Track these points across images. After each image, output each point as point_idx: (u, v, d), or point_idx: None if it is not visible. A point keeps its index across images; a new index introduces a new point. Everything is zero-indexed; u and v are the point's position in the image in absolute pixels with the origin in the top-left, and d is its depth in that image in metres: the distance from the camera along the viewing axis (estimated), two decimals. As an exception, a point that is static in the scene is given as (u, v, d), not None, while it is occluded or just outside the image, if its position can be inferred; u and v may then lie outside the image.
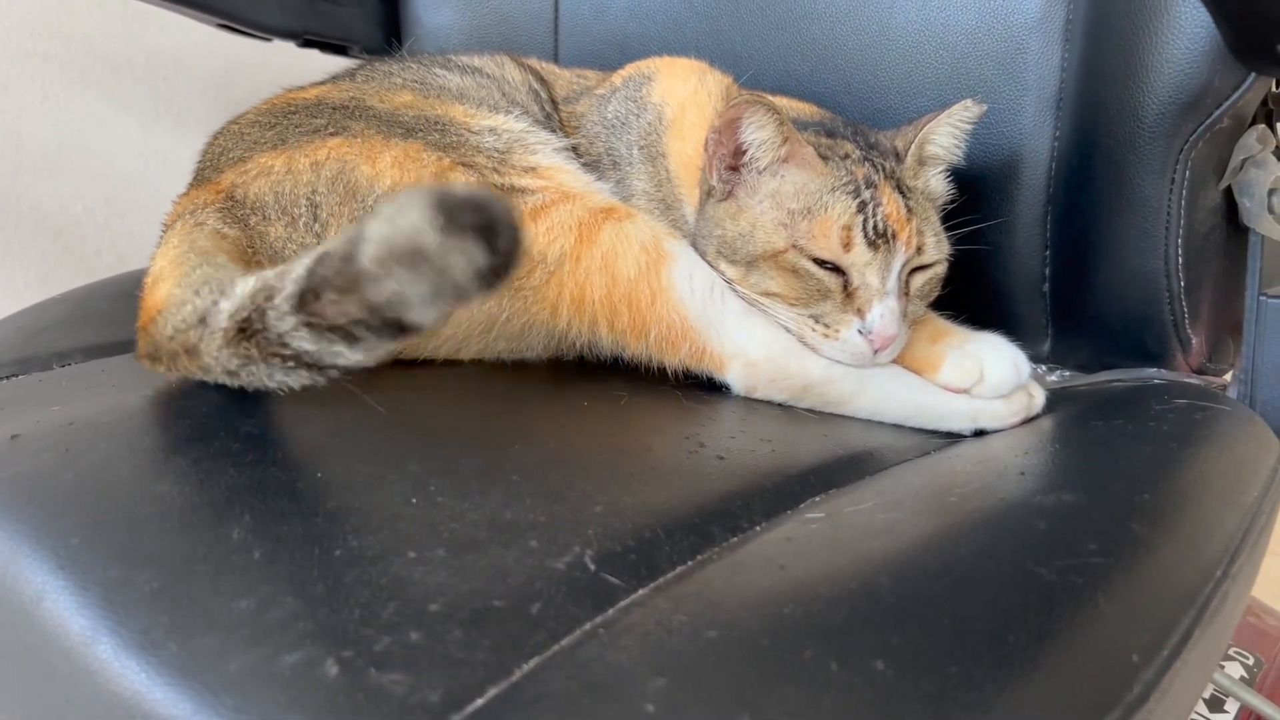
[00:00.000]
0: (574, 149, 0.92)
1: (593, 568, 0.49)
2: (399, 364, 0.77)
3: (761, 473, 0.62)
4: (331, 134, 0.79)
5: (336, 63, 1.19)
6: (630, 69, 0.97)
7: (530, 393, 0.75)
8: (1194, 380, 0.81)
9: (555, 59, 1.15)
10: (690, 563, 0.51)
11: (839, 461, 0.66)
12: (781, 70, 1.00)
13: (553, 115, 0.96)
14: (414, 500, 0.54)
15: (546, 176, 0.81)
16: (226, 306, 0.59)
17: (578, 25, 1.13)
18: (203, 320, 0.60)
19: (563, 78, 1.02)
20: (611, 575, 0.49)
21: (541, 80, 1.00)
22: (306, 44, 1.22)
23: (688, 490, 0.58)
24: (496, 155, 0.81)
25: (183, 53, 1.55)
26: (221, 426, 0.60)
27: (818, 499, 0.60)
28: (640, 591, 0.48)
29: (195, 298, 0.62)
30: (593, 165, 0.92)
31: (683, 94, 0.90)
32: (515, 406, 0.72)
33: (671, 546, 0.52)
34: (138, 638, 0.44)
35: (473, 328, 0.77)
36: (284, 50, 1.25)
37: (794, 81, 0.99)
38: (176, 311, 0.63)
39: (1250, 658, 1.03)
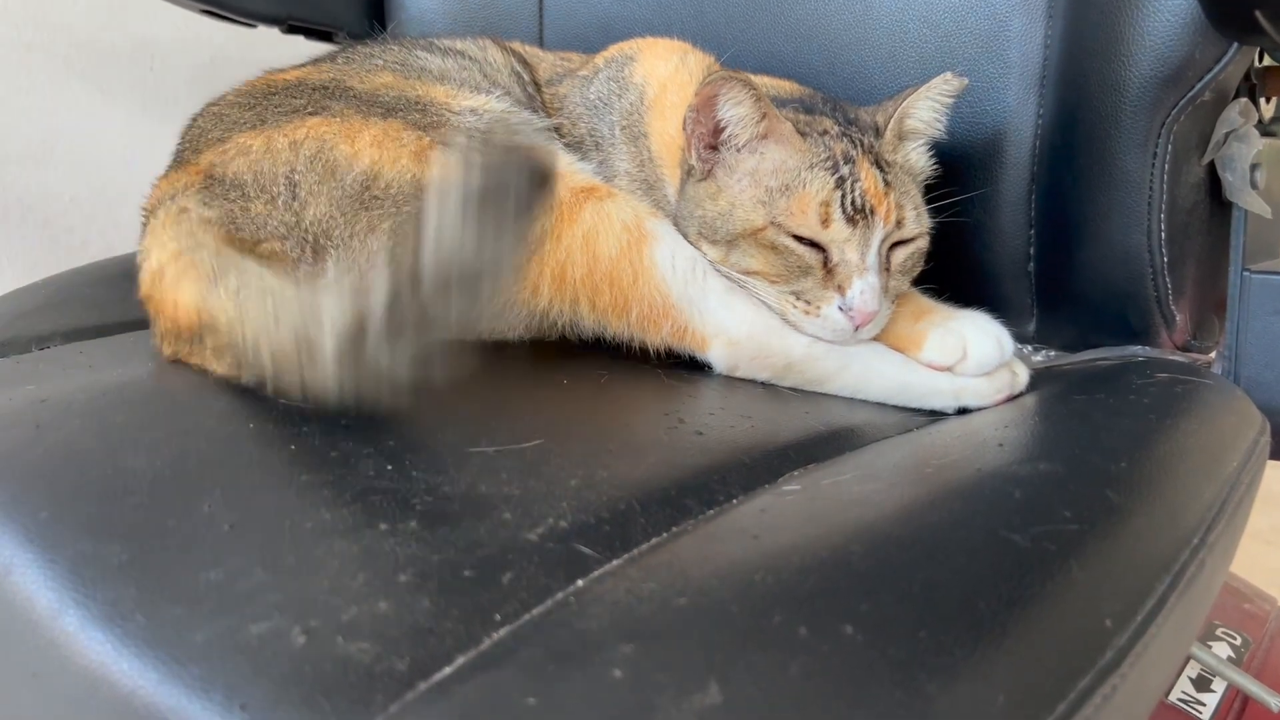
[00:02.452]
0: (557, 130, 0.92)
1: (566, 539, 0.49)
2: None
3: (740, 448, 0.62)
4: (310, 114, 0.78)
5: (321, 49, 1.18)
6: (613, 50, 0.97)
7: (510, 371, 0.74)
8: (1178, 357, 0.81)
9: (540, 42, 1.14)
10: (665, 534, 0.51)
11: (819, 437, 0.66)
12: (765, 50, 1.00)
13: (535, 97, 0.95)
14: (388, 473, 0.53)
15: None
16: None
17: (562, 8, 1.13)
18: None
19: (546, 60, 1.02)
20: (585, 546, 0.49)
21: (524, 63, 0.99)
22: (291, 30, 1.21)
23: (665, 464, 0.58)
24: (478, 136, 0.80)
25: (169, 41, 1.55)
26: (194, 402, 0.60)
27: (796, 473, 0.60)
28: (613, 562, 0.48)
29: (271, 320, 0.62)
30: (576, 146, 0.92)
31: (664, 74, 0.90)
32: (494, 384, 0.71)
33: (646, 518, 0.52)
34: (105, 609, 0.44)
35: (454, 307, 0.76)
36: (269, 38, 1.25)
37: (778, 61, 0.98)
38: (262, 337, 0.62)
39: (1238, 637, 1.03)
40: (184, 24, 1.33)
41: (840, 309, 0.74)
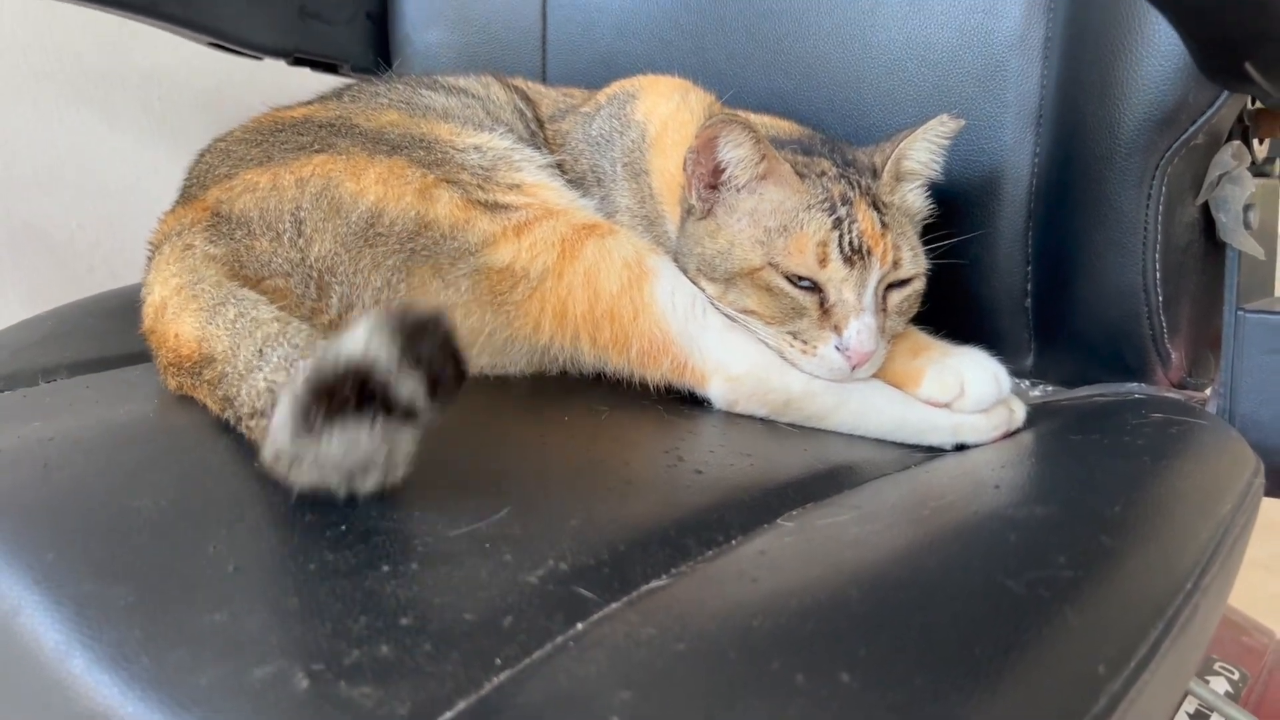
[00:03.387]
0: (559, 166, 0.93)
1: (566, 581, 0.49)
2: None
3: (739, 486, 0.63)
4: (316, 151, 0.80)
5: (326, 81, 1.19)
6: (615, 87, 0.98)
7: (511, 407, 0.75)
8: (1173, 395, 0.82)
9: (543, 78, 1.16)
10: (664, 576, 0.51)
11: (818, 475, 0.67)
12: (766, 88, 1.01)
13: (538, 133, 0.96)
14: (390, 514, 0.54)
15: (530, 193, 0.81)
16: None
17: (565, 44, 1.14)
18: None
19: (549, 96, 1.03)
20: (584, 589, 0.49)
21: (527, 99, 1.01)
22: (297, 62, 1.23)
23: (664, 504, 0.59)
24: (481, 172, 0.81)
25: (175, 71, 1.56)
26: (200, 439, 0.60)
27: (795, 512, 0.61)
28: (612, 605, 0.48)
29: (257, 358, 0.63)
30: (577, 182, 0.93)
31: (665, 112, 0.91)
32: (495, 421, 0.72)
33: (645, 560, 0.53)
34: (110, 651, 0.44)
35: (455, 343, 0.77)
36: (275, 69, 1.27)
37: (778, 99, 1.00)
38: (244, 377, 0.63)
39: (1236, 672, 1.03)
40: (191, 53, 1.34)
41: (837, 349, 0.75)
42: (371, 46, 1.23)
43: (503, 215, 0.78)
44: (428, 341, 0.51)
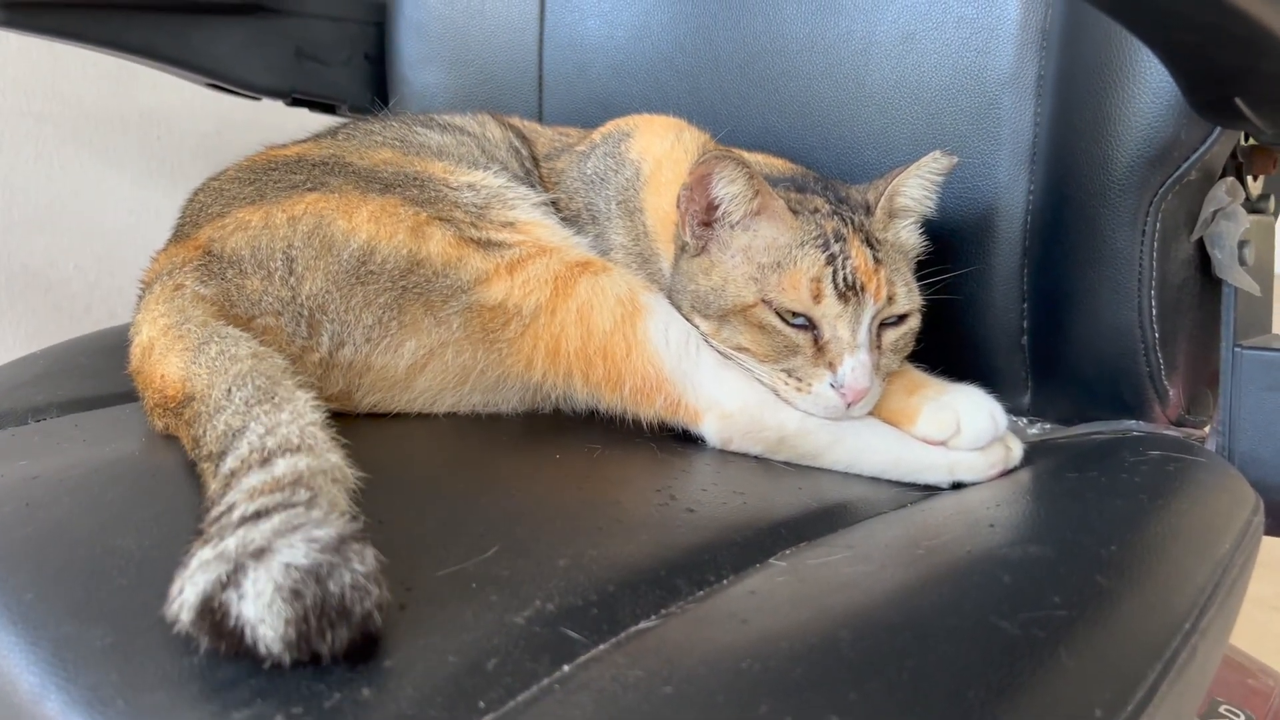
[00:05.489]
0: (554, 204, 0.93)
1: (553, 623, 0.49)
2: (371, 417, 0.77)
3: (732, 525, 0.62)
4: (309, 189, 0.80)
5: (325, 121, 1.20)
6: (610, 126, 0.98)
7: (502, 445, 0.75)
8: (1171, 432, 0.81)
9: (539, 117, 1.16)
10: (653, 617, 0.51)
11: (812, 514, 0.66)
12: (760, 127, 1.01)
13: (533, 171, 0.97)
14: (375, 554, 0.53)
15: (524, 231, 0.81)
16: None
17: (561, 84, 1.15)
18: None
19: (544, 135, 1.04)
20: (572, 630, 0.48)
21: (523, 138, 1.01)
22: (295, 103, 1.24)
23: (655, 543, 0.58)
24: (474, 210, 0.81)
25: (174, 111, 1.57)
26: (184, 479, 0.60)
27: (788, 551, 0.60)
28: (600, 647, 0.48)
29: (225, 398, 0.61)
30: (572, 220, 0.93)
31: (660, 150, 0.91)
32: (486, 459, 0.71)
33: (635, 601, 0.52)
34: (86, 694, 0.44)
35: (447, 380, 0.77)
36: (274, 109, 1.27)
37: (773, 138, 1.00)
38: (212, 417, 0.61)
39: (1241, 715, 1.01)
40: (191, 95, 1.35)
41: (832, 386, 0.74)
42: (369, 87, 1.24)
43: (496, 253, 0.78)
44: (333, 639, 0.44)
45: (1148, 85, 0.73)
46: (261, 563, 0.44)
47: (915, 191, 0.82)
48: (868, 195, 0.83)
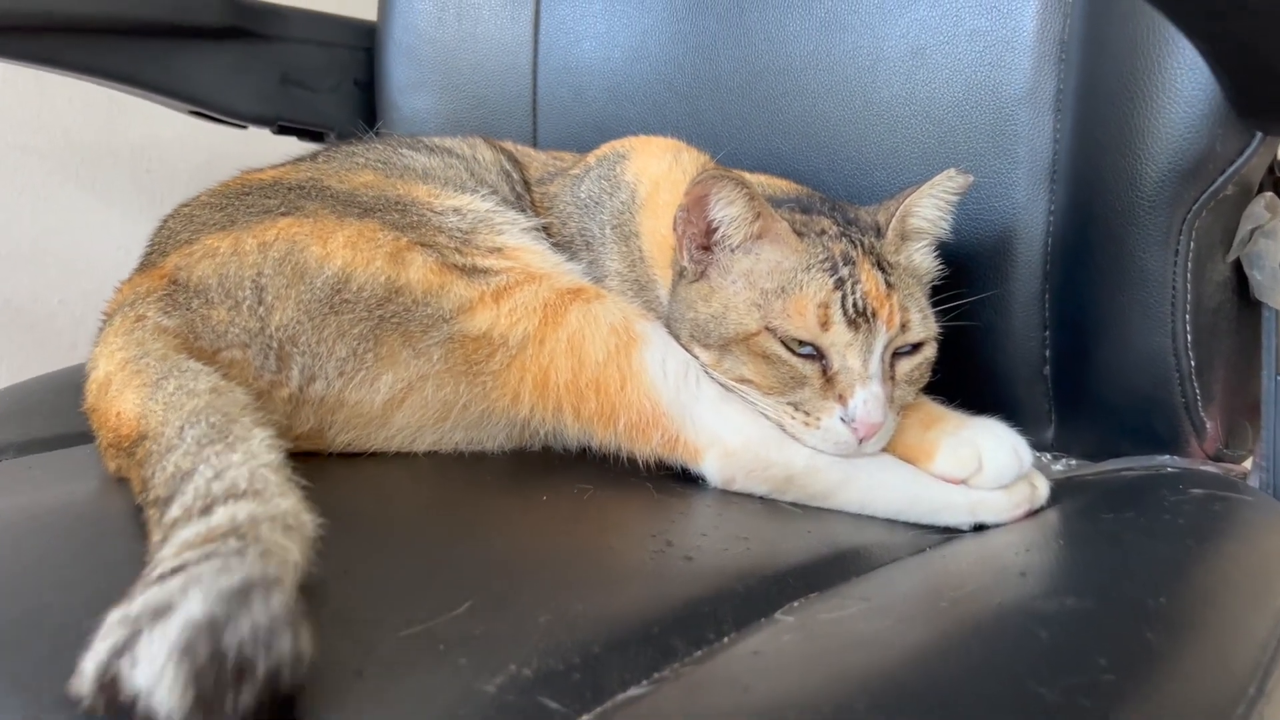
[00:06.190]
0: (546, 229, 0.88)
1: (529, 690, 0.43)
2: (347, 456, 0.72)
3: (734, 575, 0.56)
4: (282, 214, 0.75)
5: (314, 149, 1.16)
6: (605, 148, 0.94)
7: (486, 486, 0.69)
8: (1210, 468, 0.75)
9: (534, 143, 1.12)
10: (644, 683, 0.45)
11: (822, 561, 0.60)
12: (763, 149, 0.97)
13: (524, 196, 0.92)
14: (332, 609, 0.47)
15: (512, 257, 0.77)
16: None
17: (556, 108, 1.11)
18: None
19: (538, 159, 0.99)
20: (550, 698, 0.43)
21: (515, 161, 0.97)
22: (282, 130, 1.20)
23: (648, 596, 0.52)
24: (459, 235, 0.77)
25: (165, 143, 1.54)
26: (128, 531, 0.54)
27: (796, 604, 0.54)
28: (582, 718, 0.42)
29: (178, 436, 0.56)
30: (566, 246, 0.88)
31: (656, 172, 0.87)
32: (466, 501, 0.66)
33: (624, 663, 0.46)
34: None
35: (427, 416, 0.72)
36: (266, 138, 1.23)
37: (776, 160, 0.95)
38: (163, 456, 0.56)
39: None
40: (182, 126, 1.31)
41: (842, 420, 0.69)
42: (358, 114, 1.20)
43: (481, 280, 0.73)
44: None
45: (1179, 94, 0.68)
46: (159, 622, 0.38)
47: (929, 212, 0.77)
48: (878, 217, 0.78)
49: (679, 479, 0.72)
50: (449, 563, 0.55)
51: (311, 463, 0.57)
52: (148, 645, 0.38)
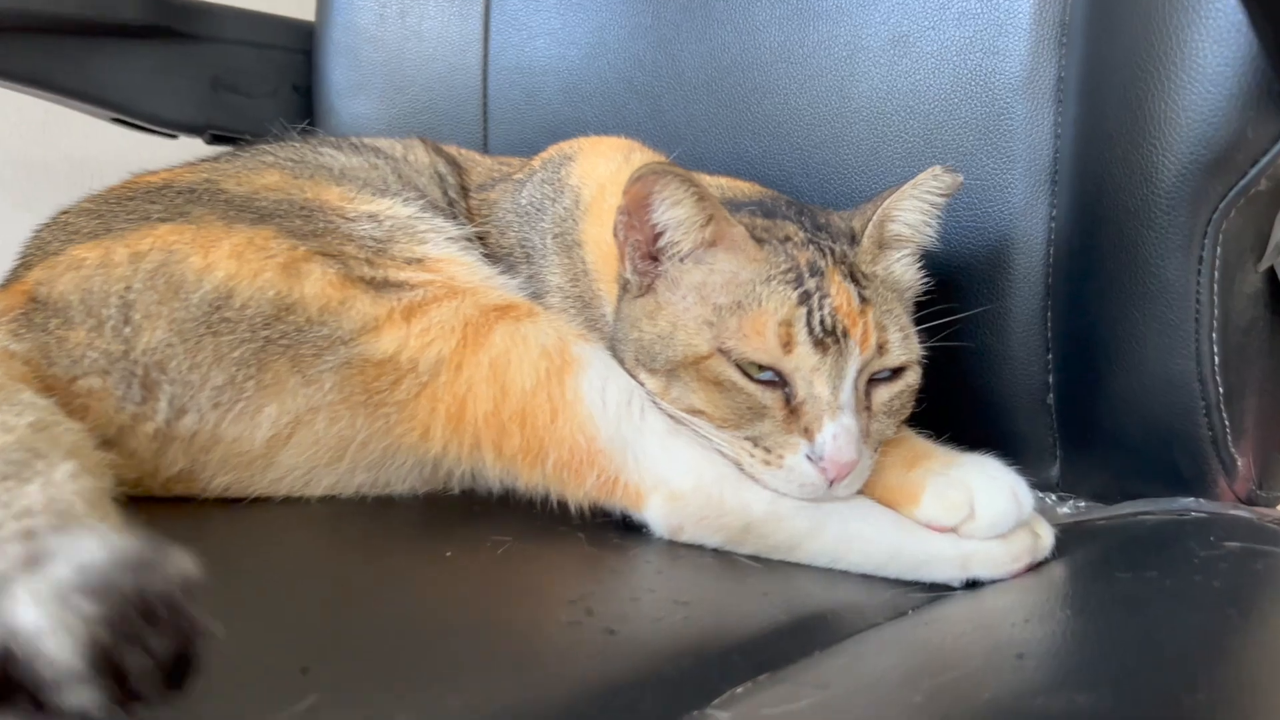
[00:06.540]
0: (481, 239, 0.79)
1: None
2: (225, 503, 0.61)
3: (664, 653, 0.46)
4: (162, 220, 0.65)
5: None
6: (552, 150, 0.85)
7: (381, 539, 0.59)
8: (1243, 513, 0.64)
9: (484, 148, 1.02)
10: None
11: (778, 632, 0.50)
12: (731, 151, 0.87)
13: (458, 202, 0.82)
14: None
15: (434, 269, 0.67)
16: None
17: (508, 111, 1.01)
18: None
19: (482, 164, 0.90)
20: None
21: (456, 165, 0.87)
22: (215, 140, 1.10)
23: (548, 684, 0.42)
24: (373, 244, 0.67)
25: (103, 158, 1.44)
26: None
27: (739, 690, 0.43)
28: None
29: None
30: (504, 258, 0.79)
31: (604, 174, 0.77)
32: (352, 558, 0.55)
33: (499, 782, 0.35)
34: None
35: (318, 455, 0.61)
36: (206, 151, 1.14)
37: (745, 163, 0.86)
38: None
39: None
40: (121, 143, 1.23)
41: (808, 458, 0.58)
42: (296, 120, 1.10)
43: (392, 295, 0.63)
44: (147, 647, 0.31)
45: (1203, 70, 0.58)
46: None
47: (911, 216, 0.67)
48: (853, 222, 0.68)
49: (620, 528, 0.61)
50: (304, 639, 0.45)
51: (179, 510, 0.47)
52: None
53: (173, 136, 1.11)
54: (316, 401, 0.60)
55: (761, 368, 0.60)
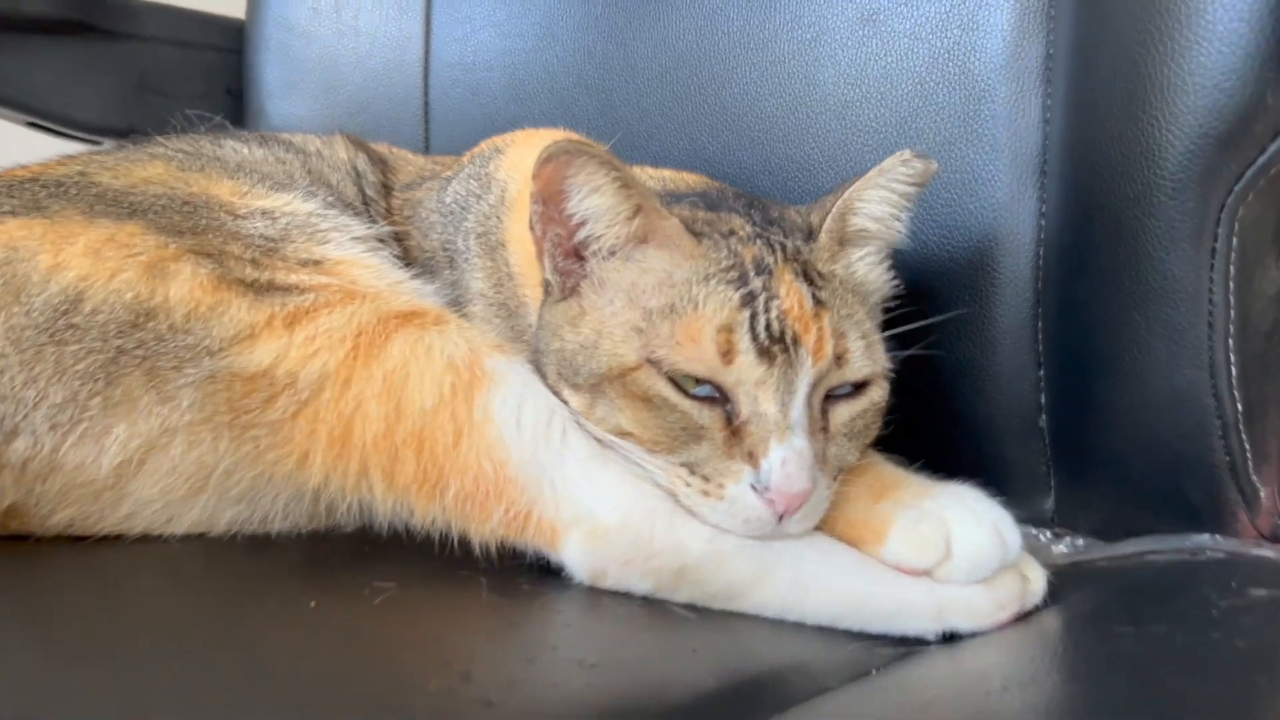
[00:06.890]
0: (397, 239, 0.71)
1: None
2: (72, 540, 0.52)
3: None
4: (13, 215, 0.57)
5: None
6: (484, 144, 0.78)
7: (248, 584, 0.50)
8: (1268, 552, 0.56)
9: (426, 150, 0.95)
10: None
11: (706, 701, 0.41)
12: (686, 147, 0.80)
13: (375, 200, 0.74)
14: None
15: (332, 272, 0.60)
16: None
17: (451, 110, 0.94)
18: None
19: (413, 163, 0.82)
20: None
21: (382, 163, 0.80)
22: (141, 145, 1.02)
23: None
24: (263, 244, 0.59)
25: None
26: None
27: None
28: None
29: None
30: (426, 262, 0.71)
31: (533, 166, 0.68)
32: (204, 608, 0.46)
33: None
34: None
35: (175, 486, 0.53)
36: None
37: (702, 160, 0.79)
38: None
39: None
40: (44, 146, 1.15)
41: (753, 488, 0.50)
42: (227, 121, 1.02)
43: (276, 299, 0.55)
44: None
45: (1213, 29, 0.50)
46: None
47: (877, 208, 0.58)
48: (810, 217, 0.60)
49: (535, 573, 0.52)
50: (105, 705, 0.35)
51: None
52: None
53: (96, 142, 1.03)
54: (172, 422, 0.52)
55: (698, 381, 0.52)
